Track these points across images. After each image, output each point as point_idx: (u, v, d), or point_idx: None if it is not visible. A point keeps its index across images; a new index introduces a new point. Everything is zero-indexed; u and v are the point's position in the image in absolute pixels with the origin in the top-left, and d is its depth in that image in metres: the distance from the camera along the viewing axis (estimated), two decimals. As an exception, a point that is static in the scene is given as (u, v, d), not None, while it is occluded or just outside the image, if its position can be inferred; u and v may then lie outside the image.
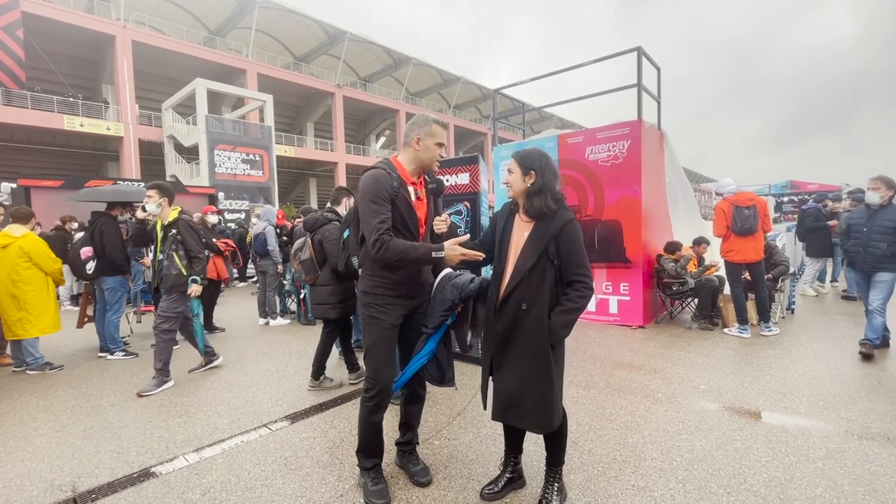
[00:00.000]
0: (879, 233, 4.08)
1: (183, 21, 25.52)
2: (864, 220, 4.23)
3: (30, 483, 2.38)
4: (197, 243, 3.85)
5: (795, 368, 3.90)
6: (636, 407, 3.17)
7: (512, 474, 2.21)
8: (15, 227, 4.29)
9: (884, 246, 4.04)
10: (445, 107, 37.88)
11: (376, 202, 1.96)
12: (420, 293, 2.17)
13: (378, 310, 2.09)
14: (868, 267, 4.17)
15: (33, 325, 4.24)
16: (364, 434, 2.17)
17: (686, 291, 5.62)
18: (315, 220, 3.76)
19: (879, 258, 4.07)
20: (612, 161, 5.79)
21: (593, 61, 6.49)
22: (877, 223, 4.11)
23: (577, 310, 1.87)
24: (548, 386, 1.87)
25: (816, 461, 2.40)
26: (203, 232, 5.70)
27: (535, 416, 1.90)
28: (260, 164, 21.70)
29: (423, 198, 2.17)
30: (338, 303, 3.59)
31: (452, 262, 1.94)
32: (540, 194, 1.91)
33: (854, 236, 4.32)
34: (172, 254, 3.77)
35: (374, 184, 1.99)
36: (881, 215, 4.11)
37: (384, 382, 2.09)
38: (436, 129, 2.09)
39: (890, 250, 4.01)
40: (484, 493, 2.16)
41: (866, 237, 4.16)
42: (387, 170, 2.05)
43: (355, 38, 28.95)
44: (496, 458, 2.49)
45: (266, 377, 4.03)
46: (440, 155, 2.12)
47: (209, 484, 2.31)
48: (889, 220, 4.05)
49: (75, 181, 9.69)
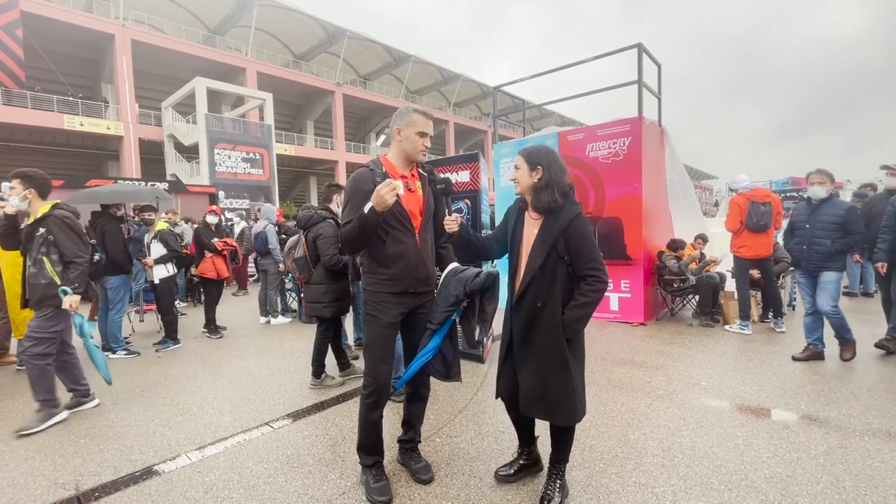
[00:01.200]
0: (823, 229, 3.89)
1: (182, 20, 25.46)
2: (807, 216, 4.02)
3: (34, 481, 2.39)
4: (75, 244, 3.10)
5: (796, 365, 3.90)
6: (637, 404, 3.17)
7: (527, 461, 2.27)
8: None
9: (828, 243, 3.85)
10: (445, 104, 37.81)
11: (347, 204, 2.05)
12: (422, 290, 2.14)
13: (375, 307, 2.09)
14: (813, 266, 3.96)
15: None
16: (363, 431, 2.18)
17: (687, 288, 5.61)
18: (309, 217, 3.73)
19: (824, 256, 3.87)
20: (612, 158, 5.78)
21: (593, 58, 6.48)
22: (819, 219, 3.91)
23: (591, 304, 1.87)
24: (567, 379, 1.90)
25: (818, 457, 2.40)
26: (205, 232, 5.72)
27: (560, 410, 1.93)
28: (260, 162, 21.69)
29: (416, 190, 2.14)
30: (332, 301, 3.59)
31: (381, 202, 1.82)
32: (547, 189, 1.93)
33: (797, 234, 4.13)
34: (42, 258, 3.08)
35: (350, 186, 2.07)
36: (823, 210, 3.91)
37: (381, 380, 2.10)
38: (416, 119, 2.07)
39: (834, 247, 3.84)
40: (498, 474, 2.25)
41: (809, 234, 3.97)
42: (370, 167, 2.09)
43: (355, 36, 28.88)
44: (498, 455, 2.50)
45: (268, 376, 4.04)
46: (424, 144, 2.10)
47: (212, 482, 2.32)
48: (832, 214, 3.86)
49: (76, 181, 9.69)
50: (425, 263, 2.12)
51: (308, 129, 30.99)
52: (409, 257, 2.05)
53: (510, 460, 2.33)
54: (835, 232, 3.86)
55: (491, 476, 2.29)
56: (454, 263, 2.23)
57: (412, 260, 2.06)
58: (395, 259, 2.04)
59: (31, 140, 21.58)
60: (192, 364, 4.44)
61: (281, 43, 29.32)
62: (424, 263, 2.11)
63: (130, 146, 20.77)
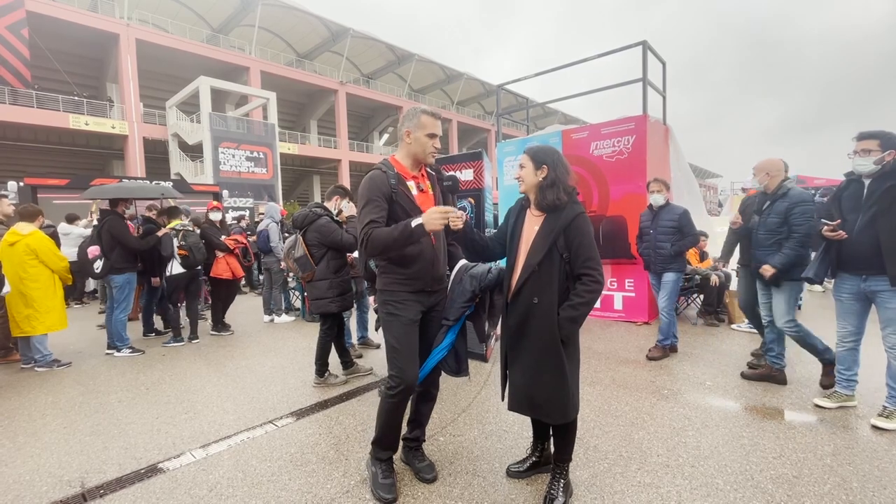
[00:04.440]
0: (663, 233, 4.15)
1: (186, 19, 25.56)
2: (650, 221, 4.28)
3: (39, 479, 2.40)
4: None
5: (803, 364, 3.87)
6: (642, 403, 3.15)
7: (539, 458, 2.28)
8: (23, 225, 4.33)
9: (668, 246, 4.10)
10: (449, 103, 37.78)
11: (367, 205, 2.00)
12: (437, 288, 2.15)
13: (396, 306, 2.07)
14: (658, 269, 4.21)
15: (40, 322, 4.28)
16: (384, 427, 2.15)
17: (692, 287, 5.58)
18: (304, 216, 3.73)
19: (666, 258, 4.12)
20: (616, 156, 5.76)
21: (597, 56, 6.45)
22: (660, 224, 4.18)
23: (585, 304, 1.87)
24: (560, 378, 1.89)
25: (825, 458, 2.38)
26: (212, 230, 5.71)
27: (549, 408, 1.93)
28: (264, 161, 21.77)
29: (427, 190, 2.16)
30: (337, 296, 3.59)
31: (434, 225, 1.86)
32: (553, 187, 1.93)
33: (644, 239, 4.34)
34: None
35: (367, 186, 2.03)
36: (662, 216, 4.18)
37: (409, 381, 2.05)
38: (425, 120, 2.07)
39: (673, 250, 4.08)
40: (510, 470, 2.27)
41: (653, 239, 4.21)
42: (383, 169, 2.07)
43: (358, 35, 28.90)
44: (502, 453, 2.50)
45: (271, 374, 4.05)
46: (434, 146, 2.10)
47: (216, 480, 2.33)
48: (669, 220, 4.13)
49: (81, 180, 9.74)
50: (440, 261, 2.15)
51: (311, 128, 31.04)
52: (426, 256, 2.06)
53: (523, 457, 2.34)
54: (672, 235, 4.12)
55: (495, 475, 2.28)
56: (463, 260, 2.24)
57: (429, 259, 2.08)
58: (413, 259, 2.04)
59: (36, 139, 21.74)
60: (196, 362, 4.45)
61: (284, 42, 29.38)
62: (439, 261, 2.14)
63: (135, 145, 20.87)
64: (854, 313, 2.89)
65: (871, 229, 2.62)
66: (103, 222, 4.75)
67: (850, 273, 2.82)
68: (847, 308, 2.91)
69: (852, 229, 2.70)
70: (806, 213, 3.15)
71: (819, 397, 3.07)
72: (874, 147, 2.62)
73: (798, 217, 3.16)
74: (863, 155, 2.64)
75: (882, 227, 2.56)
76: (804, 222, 3.14)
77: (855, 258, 2.73)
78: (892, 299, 2.63)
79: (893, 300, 2.63)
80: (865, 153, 2.64)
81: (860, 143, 2.67)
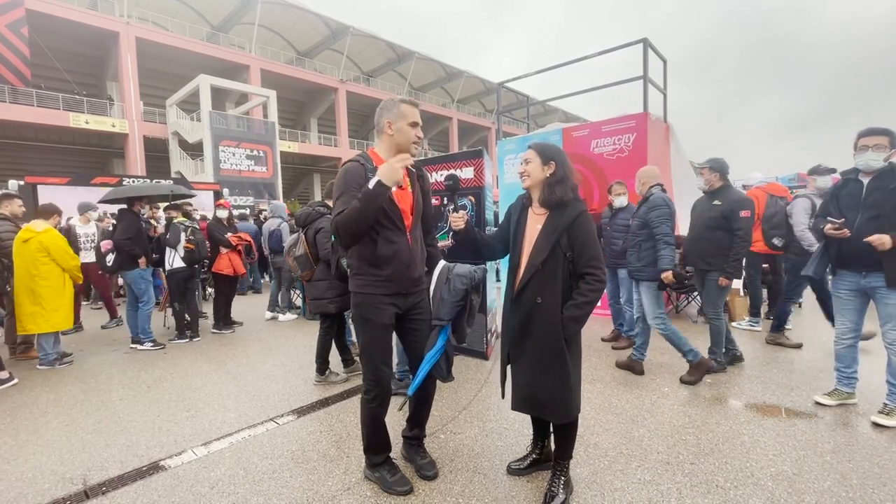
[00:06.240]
0: (617, 231, 4.41)
1: (186, 17, 25.52)
2: (608, 220, 4.59)
3: (41, 476, 2.41)
4: None
5: (803, 362, 3.87)
6: (642, 401, 3.16)
7: (539, 456, 2.29)
8: (38, 223, 4.36)
9: (620, 243, 4.30)
10: (449, 101, 37.73)
11: (341, 196, 1.90)
12: (414, 290, 2.07)
13: (368, 310, 1.99)
14: (611, 264, 4.42)
15: (45, 321, 4.28)
16: (369, 434, 2.15)
17: (692, 285, 5.57)
18: (307, 214, 3.72)
19: (618, 254, 4.30)
20: (617, 154, 5.75)
21: (598, 53, 6.45)
22: (615, 222, 4.46)
23: (589, 303, 1.86)
24: (563, 377, 1.89)
25: (825, 455, 2.39)
26: (217, 227, 5.72)
27: (552, 407, 1.93)
28: (264, 159, 21.75)
29: (406, 186, 2.04)
30: (336, 297, 3.58)
31: (395, 176, 1.79)
32: (561, 183, 1.93)
33: (604, 235, 4.57)
34: None
35: (343, 178, 1.95)
36: (619, 215, 4.46)
37: (384, 384, 2.04)
38: (405, 109, 1.98)
39: (623, 247, 4.17)
40: (510, 467, 2.28)
41: (609, 236, 4.50)
42: (361, 161, 2.00)
43: (358, 33, 28.85)
44: (502, 451, 2.50)
45: (272, 372, 4.06)
46: (416, 135, 2.02)
47: (217, 477, 2.33)
48: (623, 220, 4.33)
49: (81, 178, 9.76)
50: (416, 263, 2.05)
51: (312, 127, 31.03)
52: (402, 257, 1.98)
53: (524, 454, 2.34)
54: (624, 233, 4.20)
55: (495, 472, 2.29)
56: (443, 261, 2.21)
57: (405, 260, 1.99)
58: (387, 260, 1.95)
59: (37, 138, 21.74)
60: (197, 360, 4.46)
61: (284, 40, 29.34)
62: (416, 263, 2.05)
63: (135, 144, 20.87)
64: (853, 310, 2.90)
65: (871, 227, 2.62)
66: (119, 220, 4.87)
67: (850, 270, 2.82)
68: (846, 304, 2.92)
69: (852, 227, 2.71)
70: (661, 216, 3.41)
71: (819, 395, 3.07)
72: (885, 143, 2.64)
73: (655, 220, 3.43)
74: (876, 150, 2.65)
75: (886, 230, 2.56)
76: (661, 223, 3.41)
77: (855, 255, 2.73)
78: (890, 295, 2.64)
79: (892, 296, 2.64)
80: (880, 148, 2.65)
81: (873, 138, 2.66)
